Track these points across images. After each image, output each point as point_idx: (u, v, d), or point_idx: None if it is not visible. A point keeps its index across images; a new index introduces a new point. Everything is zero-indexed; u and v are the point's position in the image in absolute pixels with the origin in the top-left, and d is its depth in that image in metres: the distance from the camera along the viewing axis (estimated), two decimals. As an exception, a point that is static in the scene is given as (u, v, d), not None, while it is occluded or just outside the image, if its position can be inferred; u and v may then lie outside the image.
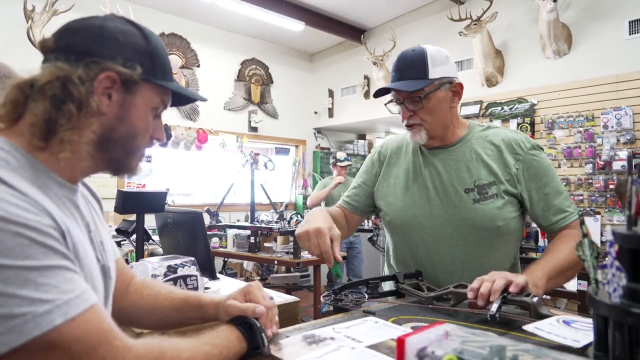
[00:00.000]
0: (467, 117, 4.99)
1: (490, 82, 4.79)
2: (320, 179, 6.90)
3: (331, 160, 4.97)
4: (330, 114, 6.68)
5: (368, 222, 4.65)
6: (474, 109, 4.95)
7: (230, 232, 4.31)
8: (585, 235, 0.63)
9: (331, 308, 4.14)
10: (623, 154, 3.90)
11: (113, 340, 0.61)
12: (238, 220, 5.65)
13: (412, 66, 1.24)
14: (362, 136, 7.75)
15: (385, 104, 1.39)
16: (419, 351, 0.61)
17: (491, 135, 1.31)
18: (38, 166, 0.70)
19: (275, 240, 4.31)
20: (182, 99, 0.88)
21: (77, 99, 0.70)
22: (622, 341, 0.55)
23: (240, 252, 4.16)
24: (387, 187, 1.42)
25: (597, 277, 0.62)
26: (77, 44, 0.73)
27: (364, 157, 7.54)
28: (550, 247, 1.23)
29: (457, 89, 1.29)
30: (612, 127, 3.98)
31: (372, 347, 0.81)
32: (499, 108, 4.74)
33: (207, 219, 4.18)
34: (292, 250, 3.97)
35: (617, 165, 3.92)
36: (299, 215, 4.63)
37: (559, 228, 1.25)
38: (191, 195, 5.71)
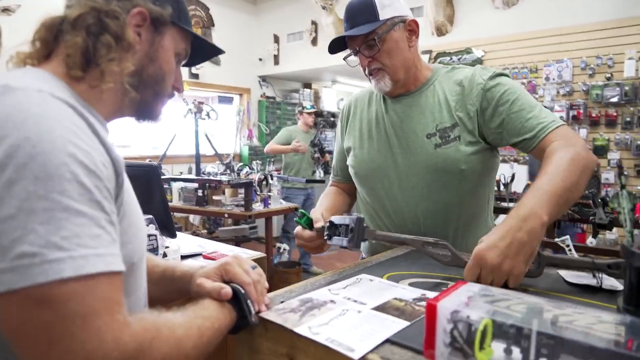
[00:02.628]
0: (416, 66, 4.96)
1: (440, 31, 4.75)
2: (266, 130, 6.71)
3: (297, 109, 4.85)
4: (276, 61, 6.40)
5: (321, 172, 4.60)
6: (423, 59, 4.92)
7: (176, 186, 4.09)
8: (623, 186, 0.59)
9: (284, 259, 4.11)
10: (562, 104, 4.08)
11: (116, 313, 0.54)
12: (181, 173, 5.38)
13: (360, 12, 1.20)
14: (308, 85, 7.55)
15: (344, 58, 1.31)
16: (453, 315, 0.56)
17: (455, 76, 1.26)
18: (79, 99, 0.66)
19: (224, 193, 4.16)
20: (197, 56, 0.86)
21: (113, 31, 0.68)
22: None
23: (187, 206, 3.98)
24: (352, 141, 1.39)
25: (633, 230, 0.58)
26: None
27: (312, 106, 7.40)
28: (539, 172, 0.98)
29: (412, 27, 1.24)
30: (554, 79, 4.13)
31: (378, 309, 0.75)
32: (448, 58, 4.74)
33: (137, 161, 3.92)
34: (242, 202, 3.86)
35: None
36: (247, 167, 4.48)
37: (539, 141, 1.07)
38: (128, 147, 5.33)
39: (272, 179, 4.02)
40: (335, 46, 1.27)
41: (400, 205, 1.28)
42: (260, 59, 6.48)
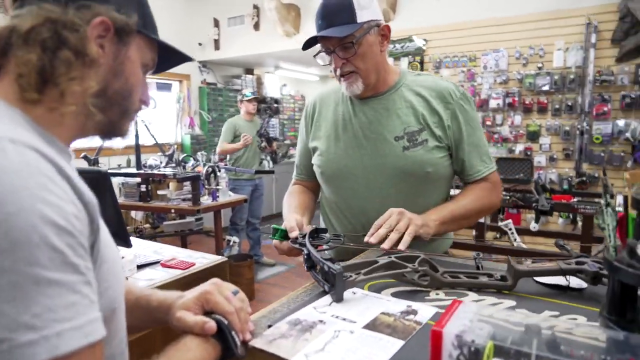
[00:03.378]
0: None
1: (386, 17, 4.80)
2: (208, 117, 6.49)
3: (238, 98, 4.70)
4: (217, 46, 6.17)
5: (269, 163, 4.53)
6: (367, 46, 4.95)
7: (116, 181, 3.86)
8: (608, 204, 0.62)
9: (234, 251, 4.03)
10: (498, 92, 4.29)
11: None
12: (119, 166, 5.09)
13: (338, 11, 1.18)
14: (250, 71, 7.37)
15: (314, 56, 1.28)
16: (457, 340, 0.56)
17: (422, 82, 1.30)
18: (36, 127, 0.60)
19: (169, 187, 3.99)
20: (162, 62, 0.78)
21: (73, 45, 0.61)
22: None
23: (129, 202, 3.78)
24: (318, 141, 1.38)
25: (617, 244, 0.62)
26: None
27: (252, 93, 7.24)
28: (456, 196, 1.31)
29: (385, 32, 1.25)
30: (491, 67, 4.32)
31: (369, 327, 0.75)
32: (392, 46, 4.81)
33: (85, 166, 3.67)
34: (188, 196, 3.73)
35: (493, 104, 4.32)
36: (192, 159, 4.32)
37: (474, 180, 1.30)
38: (58, 139, 4.93)
39: (219, 171, 3.90)
40: (308, 41, 1.24)
41: (366, 205, 1.29)
42: (200, 44, 6.22)
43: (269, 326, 0.76)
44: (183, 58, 0.81)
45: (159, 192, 3.81)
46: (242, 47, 5.97)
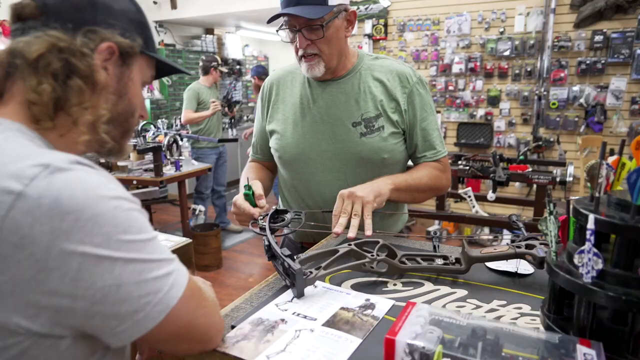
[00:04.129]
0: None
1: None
2: (167, 81, 6.24)
3: (212, 64, 4.44)
4: (173, 5, 5.85)
5: (233, 131, 4.45)
6: (331, 7, 4.83)
7: (72, 152, 3.71)
8: (551, 212, 0.66)
9: (200, 220, 4.00)
10: (461, 56, 4.31)
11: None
12: (75, 134, 4.89)
13: None
14: (210, 31, 7.07)
15: (277, 30, 1.24)
16: (409, 348, 0.60)
17: (380, 66, 1.30)
18: (52, 148, 0.64)
19: (129, 157, 3.88)
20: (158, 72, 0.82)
21: (82, 73, 0.64)
22: (588, 315, 0.61)
23: (88, 173, 3.65)
24: (276, 124, 1.36)
25: (556, 250, 0.66)
26: (71, 10, 0.65)
27: (213, 53, 6.98)
28: (410, 169, 1.33)
29: (351, 18, 1.24)
30: (454, 31, 4.32)
31: (328, 324, 0.78)
32: (355, 7, 4.70)
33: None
34: (151, 167, 3.64)
35: (456, 68, 4.35)
36: (153, 126, 4.18)
37: (425, 162, 1.33)
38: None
39: (182, 141, 3.81)
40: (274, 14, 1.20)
41: (324, 190, 1.31)
42: (155, 2, 5.88)
43: (232, 327, 0.78)
44: (180, 70, 0.86)
45: (119, 163, 3.70)
46: (200, 6, 5.69)
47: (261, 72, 4.66)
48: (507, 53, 4.11)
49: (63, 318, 0.56)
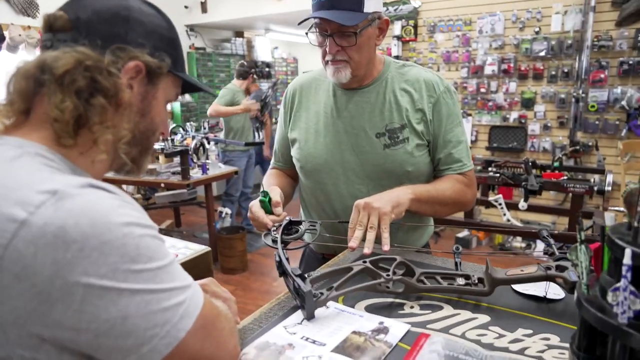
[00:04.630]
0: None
1: None
2: (198, 84, 6.32)
3: (249, 70, 4.42)
4: (204, 9, 5.93)
5: (259, 135, 4.45)
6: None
7: (104, 155, 3.80)
8: (582, 242, 0.59)
9: (227, 223, 4.03)
10: (494, 57, 4.17)
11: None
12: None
13: None
14: (240, 34, 7.14)
15: (307, 32, 1.20)
16: (419, 388, 0.55)
17: (407, 75, 1.25)
18: (75, 169, 0.63)
19: (158, 160, 3.94)
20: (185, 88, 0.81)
21: (107, 91, 0.62)
22: (623, 358, 0.54)
23: (118, 176, 3.72)
24: (298, 133, 1.32)
25: (588, 282, 0.59)
26: (102, 26, 0.64)
27: (243, 56, 7.04)
28: (434, 180, 1.26)
29: (383, 26, 1.19)
30: (487, 32, 4.19)
31: (338, 350, 0.73)
32: (385, 9, 4.63)
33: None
34: (178, 170, 3.69)
35: (488, 70, 4.21)
36: (181, 129, 4.24)
37: (451, 174, 1.26)
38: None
39: (208, 144, 3.84)
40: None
41: (346, 201, 1.25)
42: (186, 7, 5.98)
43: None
44: (202, 89, 0.84)
45: (149, 166, 3.76)
46: (230, 10, 5.74)
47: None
48: (542, 54, 3.94)
49: (67, 347, 0.54)
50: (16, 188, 0.53)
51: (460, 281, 0.92)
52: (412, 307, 0.89)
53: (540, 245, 4.02)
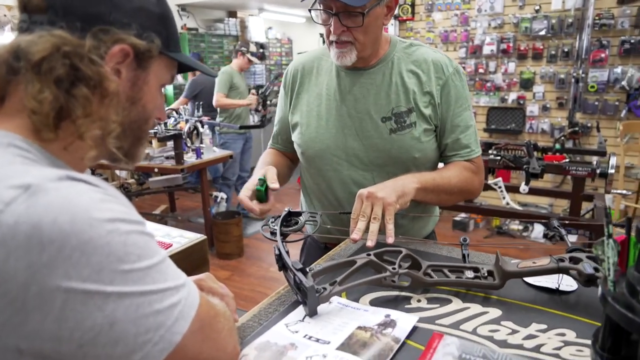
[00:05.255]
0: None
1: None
2: (190, 65, 6.20)
3: (241, 49, 4.29)
4: (195, -12, 5.78)
5: (255, 118, 4.37)
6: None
7: (95, 139, 3.72)
8: (610, 236, 0.55)
9: (222, 208, 3.98)
10: (493, 37, 4.09)
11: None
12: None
13: None
14: (233, 14, 6.97)
15: (310, 9, 1.12)
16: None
17: (414, 55, 1.18)
18: (56, 161, 0.58)
19: (151, 144, 3.86)
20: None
21: (89, 79, 0.56)
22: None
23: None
24: (300, 116, 1.25)
25: (614, 279, 0.55)
26: (81, 5, 0.57)
27: (236, 37, 6.89)
28: (440, 168, 1.22)
29: (391, 4, 1.11)
30: (485, 10, 4.09)
31: (343, 347, 0.69)
32: (381, -13, 4.52)
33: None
34: (172, 154, 3.61)
35: (487, 50, 4.13)
36: (175, 112, 4.15)
37: (458, 160, 1.21)
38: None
39: (202, 127, 3.77)
40: None
41: (349, 188, 1.20)
42: (177, -15, 5.81)
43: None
44: (201, 69, 0.78)
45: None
46: (222, -11, 5.59)
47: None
48: (542, 33, 3.87)
49: (49, 358, 0.49)
50: None
51: (469, 274, 0.87)
52: (419, 300, 0.85)
53: (538, 228, 4.01)
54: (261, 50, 7.22)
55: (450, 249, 1.10)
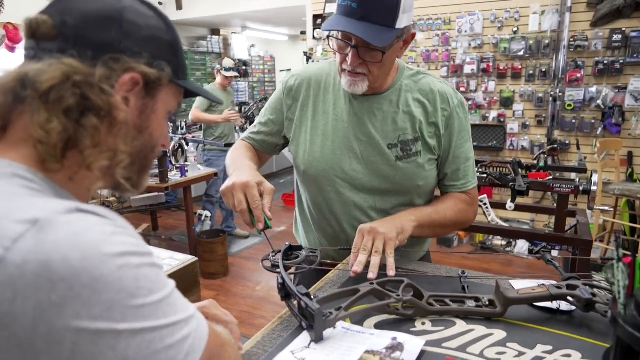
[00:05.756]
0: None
1: None
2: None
3: (216, 67, 4.32)
4: (179, 6, 5.79)
5: (240, 135, 4.36)
6: (339, 7, 4.73)
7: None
8: (620, 259, 0.56)
9: (207, 227, 3.91)
10: (473, 57, 4.20)
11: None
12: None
13: (383, 7, 0.98)
14: (216, 31, 7.00)
15: (328, 36, 1.10)
16: None
17: (419, 84, 1.17)
18: (60, 192, 0.56)
19: (134, 162, 3.81)
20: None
21: (99, 109, 0.55)
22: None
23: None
24: (305, 133, 1.22)
25: (624, 303, 0.56)
26: (92, 33, 0.56)
27: (219, 55, 6.90)
28: (436, 201, 1.23)
29: (408, 39, 1.10)
30: (466, 31, 4.21)
31: (352, 376, 0.68)
32: (364, 7, 4.60)
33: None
34: (156, 171, 3.56)
35: (467, 69, 4.23)
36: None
37: (454, 191, 1.23)
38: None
39: (187, 145, 3.73)
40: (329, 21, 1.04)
41: (350, 210, 1.20)
42: (161, 3, 5.80)
43: (243, 380, 0.69)
44: (208, 96, 0.77)
45: (124, 169, 3.63)
46: (206, 7, 5.62)
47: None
48: (521, 53, 3.99)
49: None
50: None
51: (471, 303, 0.88)
52: (423, 323, 0.84)
53: (520, 243, 4.08)
54: (244, 68, 7.25)
55: (449, 269, 1.11)
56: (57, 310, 0.42)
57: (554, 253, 2.97)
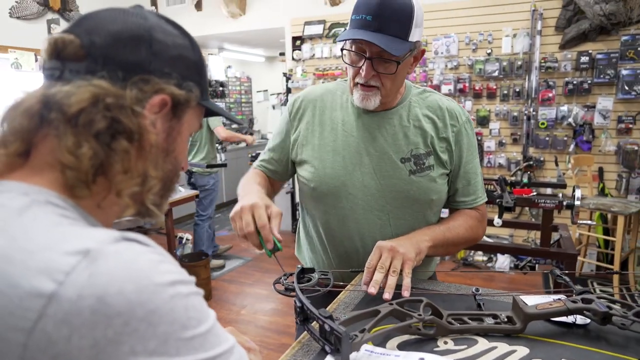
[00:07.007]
0: (311, 37, 4.84)
1: (333, 1, 4.65)
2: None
3: None
4: (155, 27, 5.75)
5: (222, 156, 4.31)
6: (318, 29, 4.81)
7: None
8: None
9: (188, 250, 3.82)
10: (449, 78, 4.32)
11: None
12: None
13: (397, 20, 1.01)
14: (192, 52, 6.98)
15: (342, 49, 1.11)
16: None
17: (427, 101, 1.20)
18: (88, 218, 0.54)
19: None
20: None
21: (129, 132, 0.53)
22: None
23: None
24: (312, 150, 1.21)
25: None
26: (122, 54, 0.54)
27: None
28: (447, 218, 1.23)
29: (418, 55, 1.12)
30: (442, 53, 4.34)
31: (386, 400, 0.67)
32: (342, 29, 4.69)
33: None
34: (136, 195, 3.48)
35: (445, 89, 4.35)
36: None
37: (465, 207, 1.24)
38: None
39: (168, 167, 3.66)
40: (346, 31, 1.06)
41: (362, 228, 1.18)
42: (136, 24, 5.77)
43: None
44: (228, 117, 0.78)
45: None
46: (184, 28, 5.60)
47: None
48: (495, 74, 4.13)
49: None
50: (36, 250, 0.43)
51: (489, 320, 0.88)
52: (445, 342, 0.84)
53: (501, 259, 4.15)
54: (221, 89, 7.23)
55: (458, 287, 1.11)
56: (113, 348, 0.41)
57: (593, 297, 3.02)
